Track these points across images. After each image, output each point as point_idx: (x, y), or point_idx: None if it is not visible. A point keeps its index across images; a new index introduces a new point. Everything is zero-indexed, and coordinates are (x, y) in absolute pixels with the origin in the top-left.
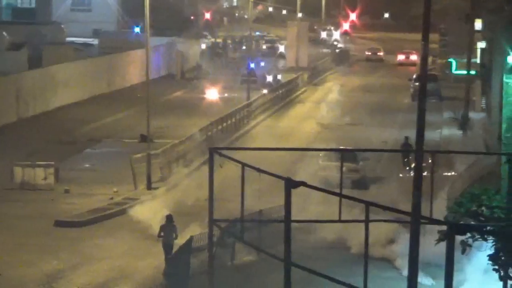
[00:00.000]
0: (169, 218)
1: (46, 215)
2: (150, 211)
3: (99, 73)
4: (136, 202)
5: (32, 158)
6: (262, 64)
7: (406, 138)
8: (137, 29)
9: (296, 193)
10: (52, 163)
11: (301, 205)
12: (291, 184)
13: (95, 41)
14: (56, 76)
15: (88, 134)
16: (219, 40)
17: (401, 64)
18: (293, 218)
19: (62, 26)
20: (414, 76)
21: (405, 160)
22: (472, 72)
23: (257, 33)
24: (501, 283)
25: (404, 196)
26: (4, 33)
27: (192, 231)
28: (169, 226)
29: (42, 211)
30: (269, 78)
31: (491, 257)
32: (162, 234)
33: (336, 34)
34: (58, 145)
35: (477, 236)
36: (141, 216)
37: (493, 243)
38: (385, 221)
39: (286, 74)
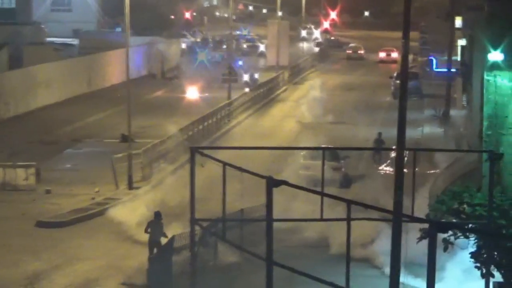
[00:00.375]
0: (157, 215)
1: (27, 215)
2: (131, 211)
3: (80, 73)
4: (117, 202)
5: (13, 159)
6: (240, 63)
7: (379, 134)
8: (119, 29)
9: (279, 192)
10: (33, 163)
11: (283, 204)
12: (272, 183)
13: (75, 41)
14: (37, 76)
15: (69, 134)
16: (199, 40)
17: (382, 61)
18: (275, 217)
19: (42, 26)
20: (395, 74)
21: (375, 156)
22: (453, 70)
23: (238, 32)
24: (483, 281)
25: (386, 194)
26: None
27: (174, 230)
28: (157, 223)
29: (23, 211)
30: (246, 77)
31: (473, 255)
32: (149, 230)
33: (317, 33)
34: (39, 145)
35: (459, 234)
36: (123, 216)
37: (475, 241)
38: (367, 219)
39: (266, 73)
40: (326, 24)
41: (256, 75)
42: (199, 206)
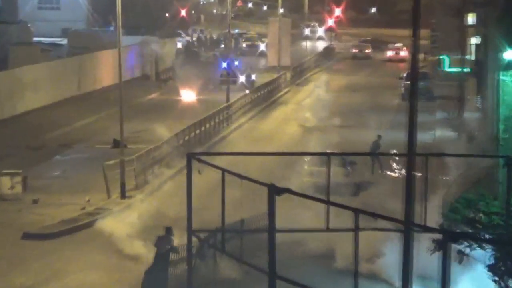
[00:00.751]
0: (168, 230)
1: (13, 226)
2: (124, 221)
3: (69, 75)
4: (109, 212)
5: None
6: (236, 63)
7: (379, 136)
8: (110, 28)
9: (282, 200)
10: (20, 171)
11: (287, 214)
12: (275, 191)
13: (64, 41)
14: (24, 78)
15: (58, 139)
16: (195, 39)
17: (390, 60)
18: (278, 227)
19: (29, 25)
20: (404, 74)
21: (375, 162)
22: (466, 70)
23: (236, 30)
24: None
25: (395, 202)
26: None
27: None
28: (166, 238)
29: (9, 222)
30: (242, 78)
31: (490, 267)
32: (157, 244)
33: (321, 31)
34: (26, 151)
35: (475, 245)
36: (114, 227)
37: (492, 252)
38: (375, 229)
39: (267, 74)
40: (330, 22)
41: (253, 76)
42: (196, 216)
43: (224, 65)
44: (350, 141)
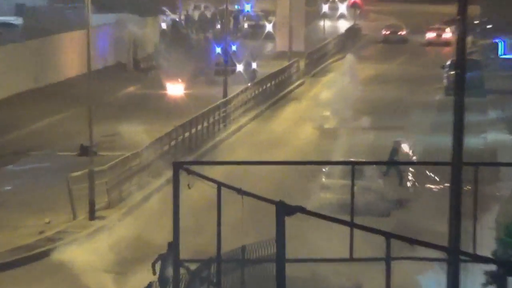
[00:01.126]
0: (171, 246)
1: None
2: (93, 250)
3: (25, 63)
4: (74, 238)
5: None
6: (234, 48)
7: (398, 142)
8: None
9: (294, 222)
10: None
11: (299, 238)
12: (284, 210)
13: (18, 20)
14: None
15: (10, 145)
16: (183, 17)
17: (430, 43)
18: (288, 256)
19: None
20: (449, 63)
21: (385, 171)
22: None
23: (237, 7)
24: None
25: (437, 224)
26: None
27: (150, 275)
28: (170, 257)
29: None
30: (239, 68)
31: None
32: (158, 264)
33: (343, 7)
34: None
35: None
36: (80, 257)
37: None
38: (412, 259)
39: (275, 62)
40: None
41: (254, 65)
42: (186, 241)
43: (218, 50)
44: (379, 147)
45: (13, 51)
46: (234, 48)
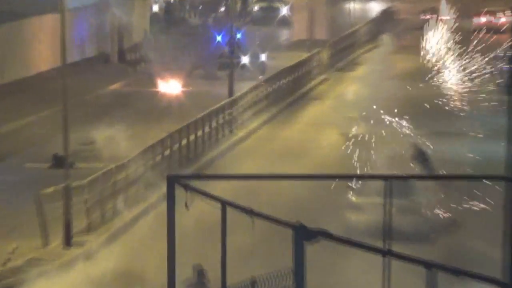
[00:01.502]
0: (200, 273)
1: None
2: (66, 284)
3: None
4: (45, 269)
5: None
6: (238, 36)
7: (420, 150)
8: None
9: (315, 248)
10: None
11: (322, 268)
12: (304, 234)
13: None
14: None
15: None
16: None
17: (480, 29)
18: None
19: None
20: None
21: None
22: None
23: None
24: None
25: (489, 250)
26: None
27: None
28: (199, 285)
29: None
30: (245, 60)
31: None
32: None
33: None
34: None
35: None
36: None
37: None
38: None
39: (292, 53)
40: None
41: (263, 57)
42: (184, 271)
43: (219, 38)
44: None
45: None
46: (238, 36)
